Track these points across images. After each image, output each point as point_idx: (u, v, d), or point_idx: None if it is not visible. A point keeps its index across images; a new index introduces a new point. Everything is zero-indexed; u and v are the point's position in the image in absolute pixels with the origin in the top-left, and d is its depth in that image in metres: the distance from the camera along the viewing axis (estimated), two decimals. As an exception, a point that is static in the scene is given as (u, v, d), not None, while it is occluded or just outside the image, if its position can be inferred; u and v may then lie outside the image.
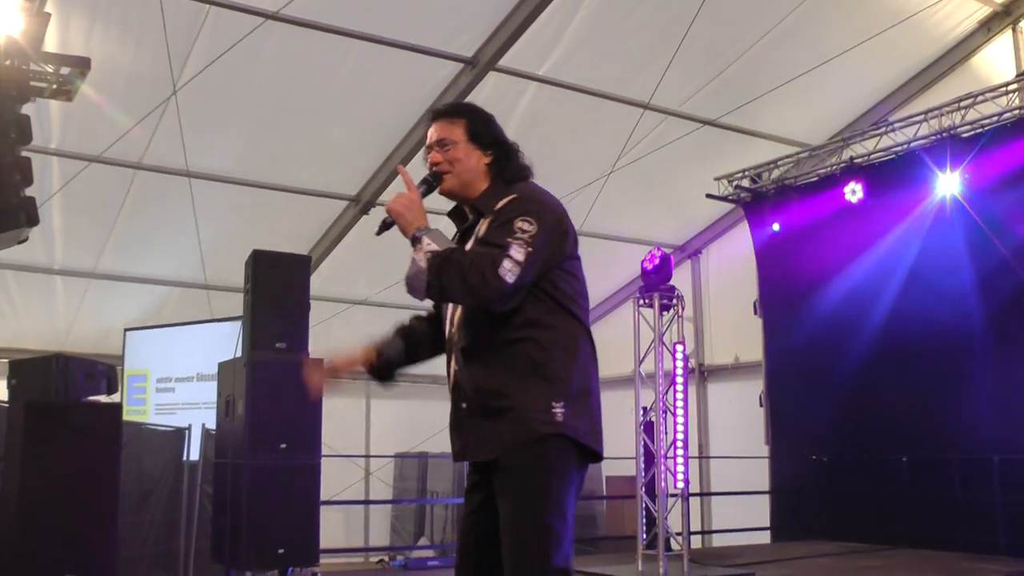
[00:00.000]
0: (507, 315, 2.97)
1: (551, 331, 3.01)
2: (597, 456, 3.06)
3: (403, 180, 3.15)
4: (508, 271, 2.85)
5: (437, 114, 3.27)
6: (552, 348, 2.99)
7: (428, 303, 3.29)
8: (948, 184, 9.98)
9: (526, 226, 2.93)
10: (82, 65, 7.85)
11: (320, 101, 10.16)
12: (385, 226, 3.13)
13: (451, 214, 3.34)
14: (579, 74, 10.42)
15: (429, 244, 2.96)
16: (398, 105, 10.39)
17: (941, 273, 10.07)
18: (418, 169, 3.31)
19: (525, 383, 2.96)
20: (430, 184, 3.20)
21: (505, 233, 2.93)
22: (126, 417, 8.57)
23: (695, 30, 9.79)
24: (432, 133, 3.24)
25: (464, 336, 3.11)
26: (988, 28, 11.43)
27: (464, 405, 3.11)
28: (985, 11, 11.31)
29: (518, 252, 2.88)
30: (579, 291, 3.12)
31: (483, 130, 3.22)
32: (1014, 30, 11.31)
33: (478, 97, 10.32)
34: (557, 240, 3.04)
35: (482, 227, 3.07)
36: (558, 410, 2.93)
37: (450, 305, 3.18)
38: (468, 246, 3.09)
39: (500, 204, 3.05)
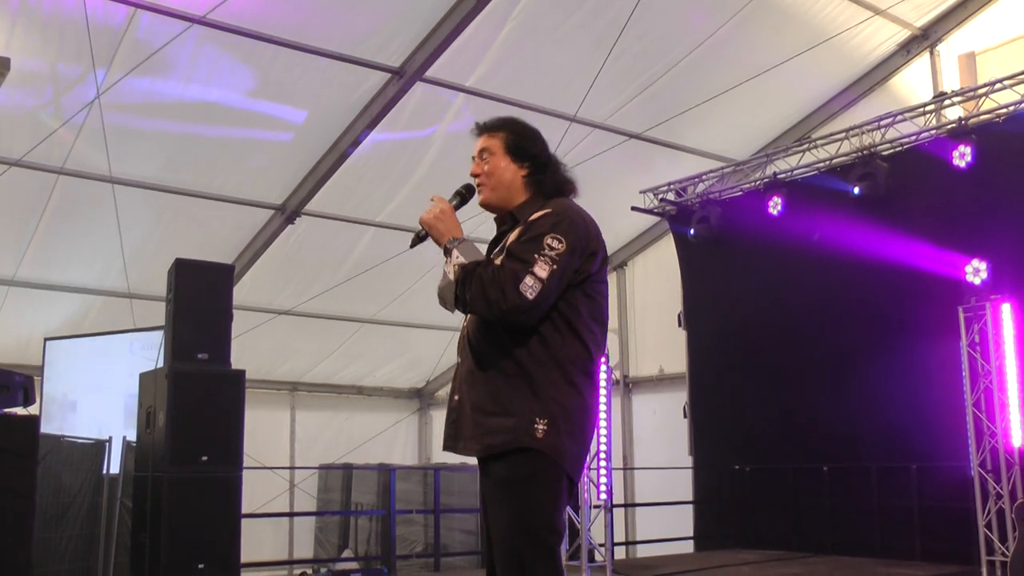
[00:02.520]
0: (517, 327, 3.01)
1: (553, 350, 3.03)
2: (571, 481, 3.08)
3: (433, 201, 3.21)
4: (529, 287, 2.92)
5: (480, 128, 3.37)
6: (549, 367, 3.02)
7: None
8: (865, 199, 10.19)
9: (555, 243, 2.99)
10: (1, 65, 7.68)
11: (246, 107, 10.07)
12: (418, 239, 3.16)
13: (497, 222, 3.38)
14: (506, 86, 10.46)
15: (458, 257, 3.03)
16: (325, 114, 10.33)
17: (858, 285, 10.30)
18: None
19: (514, 395, 3.01)
20: (463, 196, 3.28)
21: (532, 248, 2.98)
22: (44, 429, 8.38)
23: (622, 44, 9.89)
24: (476, 145, 3.33)
25: (474, 336, 3.15)
26: (907, 50, 11.77)
27: (456, 398, 3.18)
28: (904, 34, 11.63)
29: (542, 269, 2.94)
30: (595, 315, 3.16)
31: (521, 144, 3.28)
32: (931, 53, 11.66)
33: (405, 107, 10.34)
34: (583, 260, 3.08)
35: (510, 237, 3.11)
36: (540, 427, 2.96)
37: None
38: (497, 255, 3.14)
39: (533, 216, 3.10)
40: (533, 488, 2.97)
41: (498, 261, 3.05)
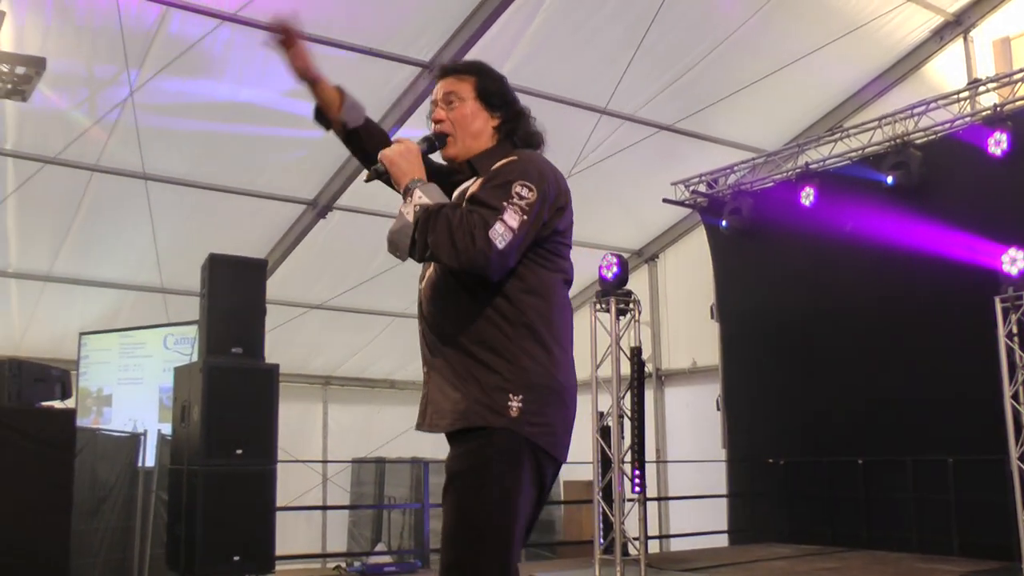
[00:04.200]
0: (477, 285, 2.68)
1: (521, 311, 2.70)
2: (552, 460, 2.72)
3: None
4: (499, 235, 2.58)
5: (445, 70, 3.04)
6: (519, 329, 2.69)
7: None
8: (899, 188, 10.09)
9: (524, 192, 2.66)
10: (37, 65, 7.77)
11: (277, 103, 10.10)
12: (376, 173, 2.85)
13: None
14: (536, 78, 10.41)
15: (420, 197, 2.70)
16: (356, 109, 10.34)
17: (893, 276, 10.20)
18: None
19: (480, 364, 2.68)
20: (431, 143, 2.94)
21: (501, 195, 2.65)
22: (79, 423, 8.46)
23: (652, 36, 9.84)
24: (438, 89, 2.98)
25: (429, 299, 2.83)
26: (940, 37, 11.63)
27: (426, 370, 2.84)
28: (937, 20, 11.49)
29: (512, 218, 2.61)
30: (565, 271, 2.85)
31: (493, 89, 2.98)
32: (965, 39, 11.51)
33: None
34: (552, 214, 2.75)
35: (472, 188, 2.77)
36: (514, 403, 2.62)
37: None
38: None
39: (498, 164, 2.78)
40: (487, 477, 2.61)
41: None
